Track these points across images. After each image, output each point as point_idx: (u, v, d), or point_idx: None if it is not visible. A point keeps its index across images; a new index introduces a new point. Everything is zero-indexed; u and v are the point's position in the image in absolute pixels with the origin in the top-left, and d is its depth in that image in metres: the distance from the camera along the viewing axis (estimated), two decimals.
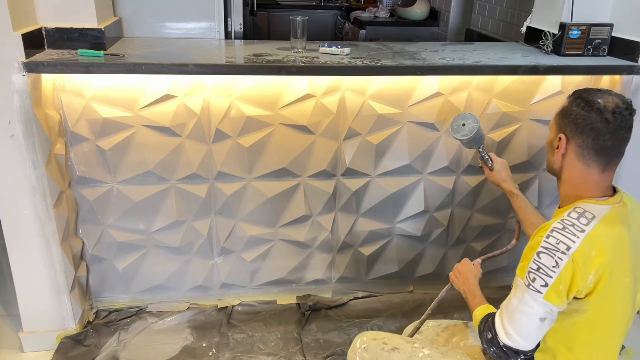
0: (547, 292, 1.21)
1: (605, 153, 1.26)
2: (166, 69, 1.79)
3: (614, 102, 1.25)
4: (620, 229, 1.26)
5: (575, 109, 1.28)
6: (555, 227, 1.23)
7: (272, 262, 2.36)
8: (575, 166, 1.30)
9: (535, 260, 1.22)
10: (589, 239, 1.20)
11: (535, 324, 1.24)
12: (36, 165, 1.83)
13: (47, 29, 1.84)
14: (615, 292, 1.26)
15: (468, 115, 1.72)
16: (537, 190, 2.37)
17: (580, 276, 1.20)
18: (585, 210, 1.25)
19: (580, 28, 2.06)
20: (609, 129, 1.23)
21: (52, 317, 2.08)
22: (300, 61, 1.89)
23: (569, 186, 1.33)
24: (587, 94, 1.29)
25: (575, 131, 1.27)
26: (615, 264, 1.23)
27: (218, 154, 2.09)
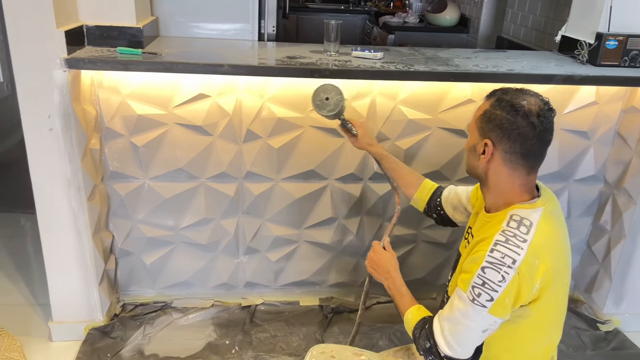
0: (492, 306, 1.19)
1: (531, 156, 1.24)
2: (202, 68, 1.82)
3: (537, 105, 1.22)
4: (555, 231, 1.27)
5: (500, 113, 1.23)
6: (497, 240, 1.21)
7: (297, 263, 2.37)
8: (501, 171, 1.27)
9: (479, 275, 1.20)
10: (532, 249, 1.19)
11: (478, 335, 1.24)
12: (72, 158, 1.87)
13: (88, 27, 1.88)
14: (556, 294, 1.27)
15: (328, 87, 1.60)
16: (567, 201, 2.34)
17: (526, 287, 1.19)
18: (522, 218, 1.23)
19: (618, 38, 2.04)
20: (536, 133, 1.21)
21: (80, 308, 2.13)
22: (333, 64, 1.90)
23: (497, 192, 1.30)
24: (510, 96, 1.24)
25: (501, 136, 1.23)
26: (557, 268, 1.24)
27: (248, 154, 2.12)
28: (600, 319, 2.37)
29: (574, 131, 2.20)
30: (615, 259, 2.28)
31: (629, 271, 2.29)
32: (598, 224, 2.37)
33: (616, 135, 2.23)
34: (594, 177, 2.31)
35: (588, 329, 2.35)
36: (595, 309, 2.41)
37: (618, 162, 2.24)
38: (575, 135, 2.21)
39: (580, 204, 2.36)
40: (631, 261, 2.27)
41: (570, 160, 2.26)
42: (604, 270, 2.35)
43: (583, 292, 2.49)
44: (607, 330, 2.33)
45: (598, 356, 2.19)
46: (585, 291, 2.47)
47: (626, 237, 2.23)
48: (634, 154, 2.17)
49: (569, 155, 2.25)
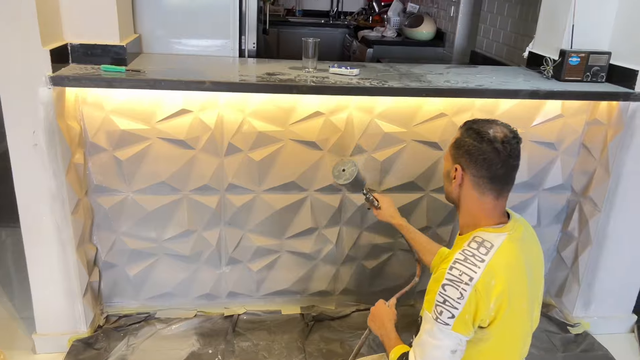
0: (455, 323, 1.25)
1: (498, 181, 1.33)
2: (184, 85, 1.88)
3: (503, 132, 1.32)
4: (516, 256, 1.32)
5: (468, 140, 1.34)
6: (457, 258, 1.28)
7: (278, 273, 2.43)
8: (471, 195, 1.36)
9: (440, 293, 1.26)
10: (489, 269, 1.25)
11: (447, 356, 1.28)
12: (57, 173, 1.91)
13: (73, 45, 1.94)
14: (514, 318, 1.31)
15: (347, 162, 1.79)
16: (537, 209, 2.45)
17: (483, 305, 1.24)
18: (483, 240, 1.30)
19: (580, 55, 2.15)
20: (500, 159, 1.30)
21: (64, 321, 2.15)
22: (311, 81, 1.98)
23: (467, 214, 1.39)
24: (477, 125, 1.35)
25: (469, 161, 1.33)
26: (513, 291, 1.28)
27: (229, 167, 2.18)
28: (570, 322, 2.47)
29: (542, 142, 2.31)
30: (583, 264, 2.39)
31: (596, 275, 2.40)
32: (567, 231, 2.48)
33: (581, 146, 2.34)
34: (561, 186, 2.41)
35: (559, 332, 2.44)
36: (565, 313, 2.51)
37: (584, 171, 2.35)
38: (542, 147, 2.32)
39: (550, 212, 2.47)
40: (598, 266, 2.38)
41: (538, 170, 2.36)
42: (573, 275, 2.46)
43: (554, 296, 2.59)
44: (576, 333, 2.43)
45: (568, 358, 2.29)
46: (556, 295, 2.57)
47: (592, 243, 2.33)
48: (597, 164, 2.28)
49: (538, 165, 2.35)
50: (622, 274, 2.41)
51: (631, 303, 2.49)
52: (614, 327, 2.49)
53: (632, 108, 2.11)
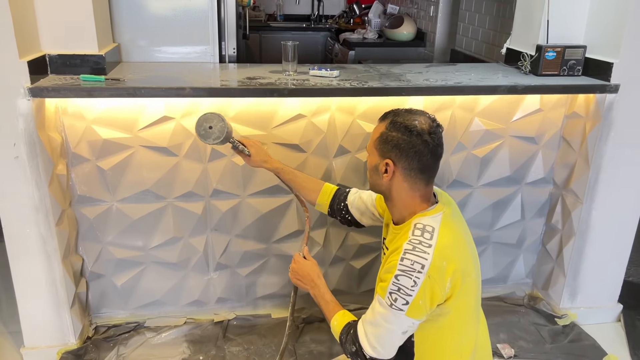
0: (409, 309, 1.31)
1: (428, 170, 1.39)
2: (164, 92, 1.88)
3: (427, 123, 1.36)
4: (456, 232, 1.40)
5: (395, 134, 1.36)
6: (406, 249, 1.32)
7: (267, 277, 2.43)
8: (403, 187, 1.40)
9: (394, 282, 1.31)
10: (437, 252, 1.31)
11: (398, 336, 1.36)
12: (39, 185, 1.91)
13: (51, 56, 1.93)
14: (468, 289, 1.38)
15: (210, 116, 1.62)
16: (520, 204, 2.47)
17: (438, 288, 1.31)
18: (424, 225, 1.36)
19: (556, 50, 2.19)
20: (429, 149, 1.35)
21: (52, 333, 2.14)
22: (291, 84, 1.99)
23: (401, 205, 1.43)
24: (402, 118, 1.37)
25: (399, 155, 1.36)
26: (463, 266, 1.36)
27: (213, 173, 2.18)
28: (557, 314, 2.49)
29: (522, 137, 2.34)
30: (568, 256, 2.42)
31: (581, 267, 2.43)
32: (550, 224, 2.51)
33: (561, 139, 2.38)
34: (543, 179, 2.45)
35: (546, 324, 2.47)
36: (552, 305, 2.54)
37: (564, 164, 2.38)
38: (523, 141, 2.35)
39: (533, 205, 2.49)
40: (582, 257, 2.41)
41: (520, 164, 2.39)
42: (558, 267, 2.49)
43: (541, 289, 2.62)
44: (564, 324, 2.46)
45: (556, 349, 2.31)
46: (543, 288, 2.60)
47: (576, 235, 2.36)
48: (578, 157, 2.31)
49: (519, 160, 2.38)
50: (606, 264, 2.45)
51: (616, 292, 2.52)
52: (600, 317, 2.52)
53: (608, 100, 2.15)
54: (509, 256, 2.60)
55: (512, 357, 2.25)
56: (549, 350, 2.30)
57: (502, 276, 2.64)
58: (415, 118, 1.37)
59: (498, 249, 2.56)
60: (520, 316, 2.51)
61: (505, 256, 2.59)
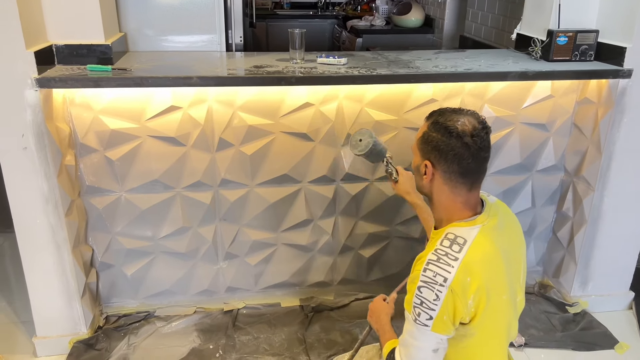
0: (434, 324, 1.24)
1: (470, 175, 1.30)
2: (171, 82, 1.87)
3: (471, 124, 1.27)
4: (491, 249, 1.29)
5: (435, 135, 1.29)
6: (430, 259, 1.26)
7: (276, 266, 2.43)
8: (443, 190, 1.33)
9: (417, 295, 1.25)
10: (463, 267, 1.23)
11: (430, 356, 1.28)
12: (48, 176, 1.91)
13: (57, 46, 1.92)
14: (495, 311, 1.29)
15: (364, 132, 1.74)
16: (531, 191, 2.45)
17: (461, 304, 1.23)
18: (456, 236, 1.27)
19: (567, 35, 2.15)
20: (471, 153, 1.26)
21: (64, 323, 2.16)
22: (299, 72, 1.97)
23: (441, 208, 1.36)
24: (444, 118, 1.30)
25: (439, 157, 1.29)
26: (491, 285, 1.26)
27: (221, 162, 2.17)
28: (568, 302, 2.48)
29: (533, 124, 2.31)
30: (579, 244, 2.39)
31: (592, 254, 2.40)
32: (561, 212, 2.49)
33: (573, 126, 2.34)
34: (554, 167, 2.42)
35: (557, 312, 2.45)
36: (563, 293, 2.52)
37: (576, 151, 2.35)
38: (534, 128, 2.32)
39: (544, 193, 2.47)
40: (593, 245, 2.39)
41: (531, 152, 2.36)
42: (569, 255, 2.47)
43: (551, 277, 2.60)
44: (575, 312, 2.44)
45: (567, 337, 2.30)
46: (553, 276, 2.58)
47: (587, 222, 2.34)
48: (589, 143, 2.28)
49: (530, 147, 2.35)
50: (618, 252, 2.42)
51: (628, 280, 2.50)
52: (612, 304, 2.50)
53: (621, 85, 2.11)
54: None
55: (523, 345, 2.24)
56: (560, 339, 2.29)
57: None
58: (459, 119, 1.28)
59: None
60: (531, 304, 2.50)
61: None
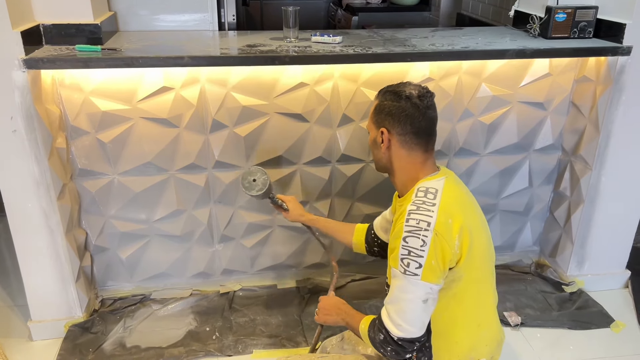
0: (423, 273, 1.28)
1: (422, 134, 1.39)
2: (162, 62, 1.83)
3: (417, 89, 1.39)
4: (461, 193, 1.41)
5: (387, 103, 1.40)
6: (410, 209, 1.32)
7: (272, 248, 2.42)
8: (401, 154, 1.41)
9: (403, 246, 1.29)
10: (442, 210, 1.30)
11: (420, 307, 1.30)
12: (39, 159, 1.88)
13: (45, 26, 1.87)
14: (478, 250, 1.36)
15: (254, 170, 1.80)
16: (528, 171, 2.43)
17: (447, 245, 1.29)
18: (427, 187, 1.36)
19: (566, 11, 2.11)
20: (420, 112, 1.37)
21: (59, 306, 2.15)
22: (293, 51, 1.93)
23: (402, 174, 1.44)
24: (392, 88, 1.42)
25: (392, 122, 1.39)
26: (471, 224, 1.34)
27: (215, 144, 2.14)
28: (565, 281, 2.48)
29: (531, 103, 2.28)
30: (576, 223, 2.39)
31: (589, 234, 2.40)
32: (558, 191, 2.47)
33: (571, 104, 2.32)
34: (552, 146, 2.40)
35: (554, 291, 2.46)
36: (559, 272, 2.53)
37: (574, 130, 2.33)
38: (532, 107, 2.29)
39: (541, 172, 2.45)
40: (590, 224, 2.38)
41: (528, 131, 2.34)
42: (566, 234, 2.46)
43: (548, 256, 2.60)
44: (571, 291, 2.44)
45: (563, 316, 2.31)
46: (550, 256, 2.58)
47: (584, 202, 2.33)
48: (587, 122, 2.26)
49: (527, 126, 2.33)
50: (614, 231, 2.42)
51: (624, 259, 2.50)
52: (608, 283, 2.51)
53: (620, 63, 2.08)
54: (516, 224, 2.57)
55: (519, 324, 2.24)
56: (556, 318, 2.29)
57: (509, 244, 2.62)
58: (405, 86, 1.41)
59: (505, 217, 2.53)
60: (527, 284, 2.50)
61: (513, 224, 2.57)
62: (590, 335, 2.23)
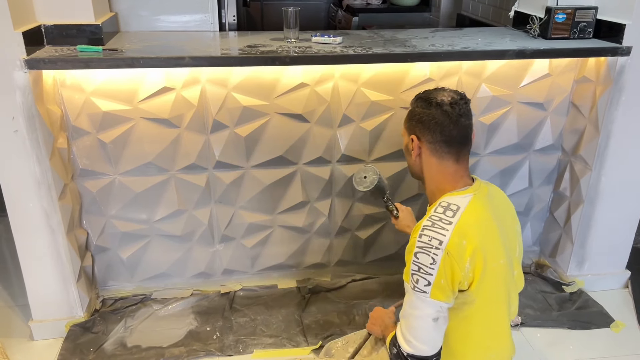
0: (432, 291, 1.26)
1: (453, 143, 1.37)
2: (163, 62, 1.84)
3: (450, 96, 1.37)
4: (485, 214, 1.34)
5: (418, 110, 1.40)
6: (425, 225, 1.30)
7: (272, 248, 2.42)
8: (431, 162, 1.40)
9: (414, 261, 1.28)
10: (457, 230, 1.27)
11: (430, 325, 1.28)
12: (40, 159, 1.88)
13: (46, 26, 1.88)
14: (494, 275, 1.31)
15: (369, 169, 1.83)
16: (528, 171, 2.44)
17: (458, 267, 1.25)
18: (449, 204, 1.32)
19: (566, 12, 2.11)
20: (451, 120, 1.34)
21: (60, 306, 2.15)
22: (293, 51, 1.94)
23: (432, 183, 1.42)
24: (425, 94, 1.41)
25: (423, 129, 1.38)
26: (487, 248, 1.29)
27: (216, 144, 2.15)
28: (565, 281, 2.48)
29: (531, 103, 2.28)
30: (576, 223, 2.39)
31: (589, 234, 2.40)
32: (558, 191, 2.48)
33: (570, 105, 2.32)
34: (552, 146, 2.40)
35: (554, 291, 2.46)
36: (559, 272, 2.53)
37: (573, 130, 2.33)
38: (532, 107, 2.30)
39: (541, 173, 2.46)
40: (590, 224, 2.38)
41: (528, 131, 2.35)
42: (566, 234, 2.46)
43: (548, 257, 2.61)
44: (571, 291, 2.45)
45: (563, 316, 2.31)
46: (550, 256, 2.59)
47: (584, 202, 2.33)
48: (587, 122, 2.26)
49: (527, 126, 2.33)
50: (614, 231, 2.42)
51: (624, 259, 2.50)
52: (608, 283, 2.51)
53: (620, 63, 2.08)
54: None
55: (519, 324, 2.25)
56: (556, 318, 2.30)
57: None
58: (439, 93, 1.38)
59: None
60: (527, 284, 2.50)
61: None
62: (590, 335, 2.23)
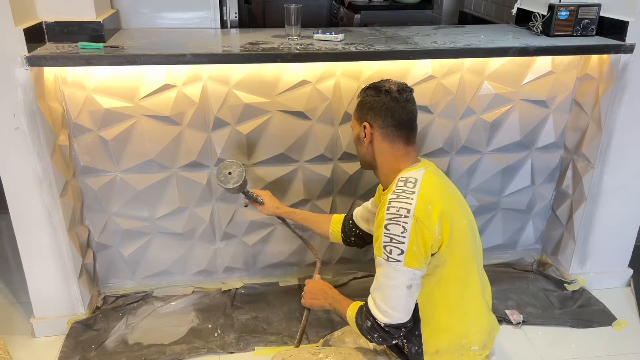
0: (405, 259, 1.31)
1: (403, 127, 1.43)
2: (165, 59, 1.83)
3: (396, 84, 1.45)
4: (439, 181, 1.44)
5: (368, 98, 1.46)
6: (390, 198, 1.36)
7: (273, 246, 2.42)
8: (384, 147, 1.45)
9: (385, 233, 1.33)
10: (421, 197, 1.34)
11: (404, 292, 1.34)
12: (41, 156, 1.88)
13: (47, 23, 1.88)
14: (460, 235, 1.39)
15: (229, 163, 1.78)
16: (530, 169, 2.43)
17: (428, 231, 1.32)
18: (407, 178, 1.40)
19: (569, 9, 2.10)
20: (400, 104, 1.42)
21: (61, 303, 2.15)
22: (295, 48, 1.93)
23: (385, 166, 1.48)
24: (374, 84, 1.48)
25: (374, 116, 1.43)
26: (450, 210, 1.38)
27: (217, 142, 2.15)
28: (567, 280, 2.48)
29: (533, 101, 2.27)
30: (578, 221, 2.38)
31: (591, 232, 2.39)
32: (560, 189, 2.47)
33: (573, 102, 2.31)
34: (554, 144, 2.39)
35: (556, 289, 2.46)
36: (561, 271, 2.52)
37: (576, 128, 2.33)
38: (534, 105, 2.29)
39: (543, 170, 2.45)
40: (592, 222, 2.37)
41: (531, 129, 2.34)
42: (568, 232, 2.46)
43: (550, 255, 2.60)
44: (573, 289, 2.44)
45: (565, 314, 2.30)
46: (552, 254, 2.58)
47: (587, 200, 2.32)
48: (590, 120, 2.25)
49: (530, 124, 2.32)
50: (617, 229, 2.41)
51: (627, 257, 2.50)
52: (610, 282, 2.50)
53: (623, 60, 2.07)
54: (518, 222, 2.57)
55: (521, 323, 2.24)
56: (558, 316, 2.29)
57: (511, 242, 2.62)
58: (385, 82, 1.46)
59: (507, 215, 2.53)
60: (529, 282, 2.50)
61: (515, 222, 2.56)
62: (592, 333, 2.23)
